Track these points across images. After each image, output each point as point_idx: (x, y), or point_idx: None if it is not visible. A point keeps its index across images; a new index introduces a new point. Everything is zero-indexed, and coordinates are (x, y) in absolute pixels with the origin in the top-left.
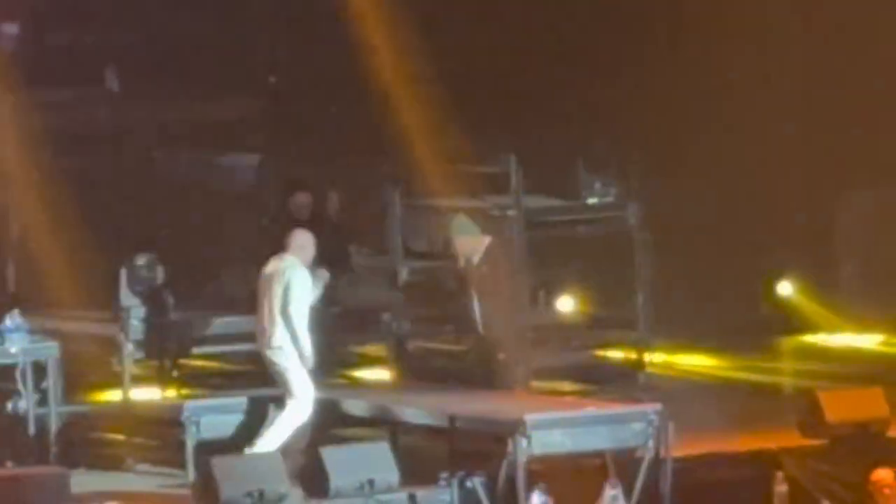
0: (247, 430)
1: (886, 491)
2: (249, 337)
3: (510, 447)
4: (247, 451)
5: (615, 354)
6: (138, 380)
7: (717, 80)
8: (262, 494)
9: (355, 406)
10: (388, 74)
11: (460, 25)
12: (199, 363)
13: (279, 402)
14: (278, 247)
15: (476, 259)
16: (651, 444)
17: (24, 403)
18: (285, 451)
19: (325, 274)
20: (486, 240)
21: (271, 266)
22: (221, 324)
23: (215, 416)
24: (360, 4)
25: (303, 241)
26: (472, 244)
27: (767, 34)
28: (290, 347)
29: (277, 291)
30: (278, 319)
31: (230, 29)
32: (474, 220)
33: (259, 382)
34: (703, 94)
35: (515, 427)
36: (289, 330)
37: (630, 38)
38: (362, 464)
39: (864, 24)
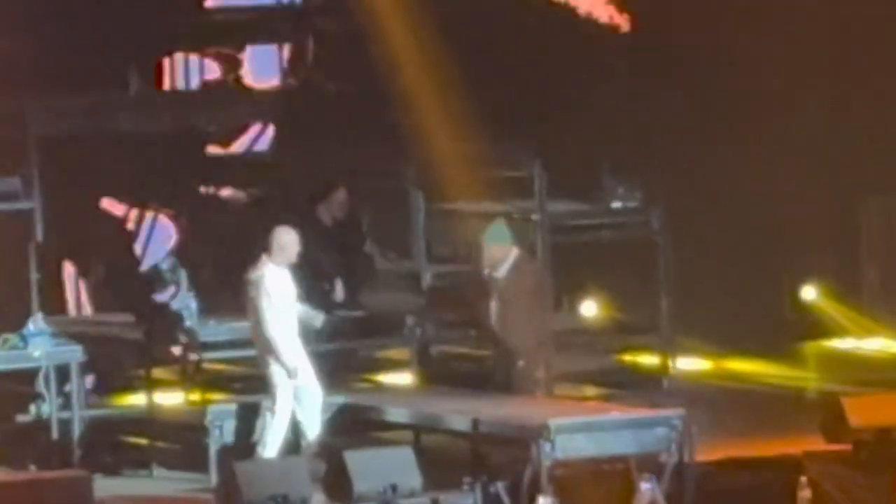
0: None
1: None
2: None
3: (534, 451)
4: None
5: (639, 359)
6: (161, 384)
7: (743, 84)
8: (285, 499)
9: (379, 410)
10: (413, 78)
11: (485, 30)
12: (222, 367)
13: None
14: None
15: (503, 269)
16: (675, 448)
17: (48, 407)
18: (308, 455)
19: (319, 317)
20: (515, 251)
21: (250, 273)
22: (244, 328)
23: (239, 421)
24: (383, 9)
25: (284, 241)
26: (501, 252)
27: (795, 36)
28: (272, 358)
29: (254, 303)
30: (258, 334)
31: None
32: (510, 228)
33: None
34: (728, 99)
35: (539, 431)
36: (269, 345)
37: (656, 42)
38: (385, 468)
39: (893, 27)
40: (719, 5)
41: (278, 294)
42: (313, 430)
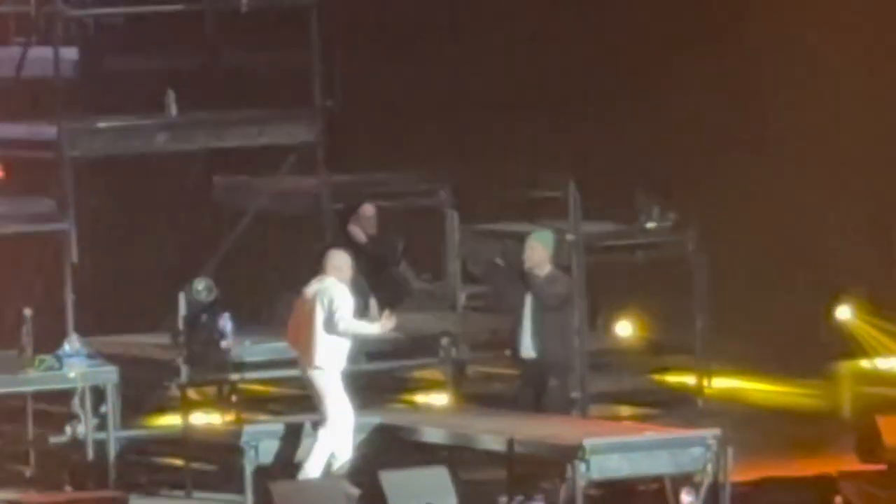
0: (305, 455)
1: None
2: None
3: (569, 472)
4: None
5: (674, 379)
6: (197, 405)
7: (778, 105)
8: None
9: (414, 431)
10: (448, 99)
11: (519, 50)
12: (257, 388)
13: (315, 426)
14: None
15: (541, 274)
16: (710, 468)
17: (83, 428)
18: (340, 476)
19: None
20: (550, 266)
21: (312, 288)
22: (279, 348)
23: (274, 441)
24: (416, 29)
25: (339, 262)
26: (540, 255)
27: (829, 55)
28: (330, 366)
29: (320, 311)
30: (321, 339)
31: (287, 53)
32: (557, 243)
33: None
34: (763, 120)
35: (574, 451)
36: (334, 351)
37: (689, 61)
38: (421, 488)
39: None
40: (750, 27)
41: (349, 304)
42: (344, 452)
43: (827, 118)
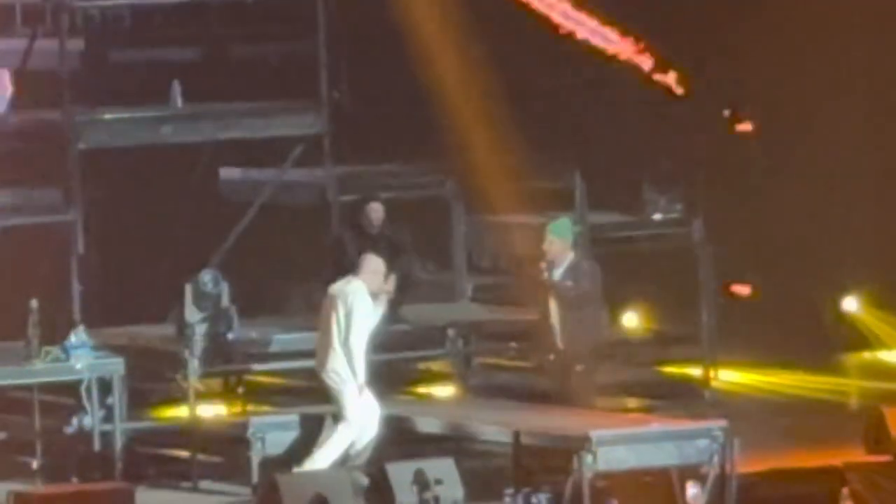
0: (312, 447)
1: None
2: (313, 354)
3: (575, 463)
4: (298, 469)
5: (680, 370)
6: (203, 396)
7: (783, 97)
8: None
9: (420, 422)
10: (453, 90)
11: (525, 41)
12: (264, 379)
13: (335, 418)
14: (340, 266)
15: (559, 271)
16: (716, 460)
17: (90, 420)
18: (350, 466)
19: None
20: (572, 253)
21: (337, 287)
22: (286, 340)
23: (281, 433)
24: (424, 20)
25: (375, 267)
26: (561, 248)
27: (840, 47)
28: (346, 372)
29: (339, 316)
30: (336, 346)
31: (294, 44)
32: (574, 229)
33: (324, 398)
34: (768, 112)
35: (581, 443)
36: (346, 358)
37: (695, 52)
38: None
39: None
40: (761, 18)
41: (366, 312)
42: (364, 443)
43: (834, 108)
